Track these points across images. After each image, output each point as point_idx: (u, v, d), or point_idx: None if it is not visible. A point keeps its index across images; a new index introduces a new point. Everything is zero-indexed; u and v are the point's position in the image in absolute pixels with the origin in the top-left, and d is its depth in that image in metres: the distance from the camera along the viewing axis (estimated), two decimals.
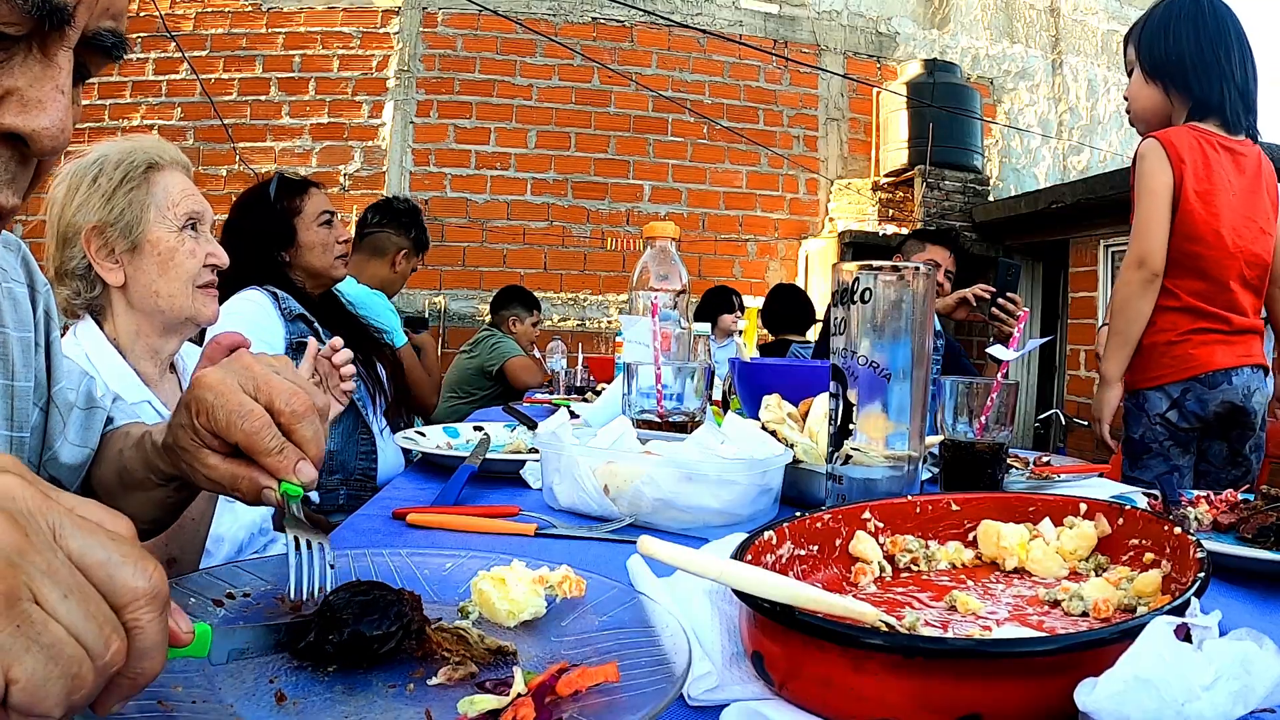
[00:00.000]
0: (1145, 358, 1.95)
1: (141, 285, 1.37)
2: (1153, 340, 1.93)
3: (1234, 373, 1.89)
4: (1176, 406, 1.92)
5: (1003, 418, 1.05)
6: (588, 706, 0.47)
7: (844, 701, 0.47)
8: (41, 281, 0.87)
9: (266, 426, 0.61)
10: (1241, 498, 1.03)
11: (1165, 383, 1.93)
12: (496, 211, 6.49)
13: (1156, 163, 1.88)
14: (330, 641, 0.51)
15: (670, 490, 0.94)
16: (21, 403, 0.81)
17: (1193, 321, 1.91)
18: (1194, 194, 1.85)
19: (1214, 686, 0.41)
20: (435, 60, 6.48)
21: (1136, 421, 1.98)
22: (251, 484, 0.62)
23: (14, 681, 0.34)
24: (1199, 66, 1.91)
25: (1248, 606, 0.77)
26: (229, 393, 0.61)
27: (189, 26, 6.33)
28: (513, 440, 1.41)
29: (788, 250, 6.89)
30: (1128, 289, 1.93)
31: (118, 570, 0.38)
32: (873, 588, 0.70)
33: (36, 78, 0.49)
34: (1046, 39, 7.61)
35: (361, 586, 0.55)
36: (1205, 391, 1.90)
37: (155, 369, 1.41)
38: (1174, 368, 1.91)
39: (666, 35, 6.71)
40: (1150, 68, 1.99)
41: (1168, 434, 1.93)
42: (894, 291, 0.89)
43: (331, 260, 2.25)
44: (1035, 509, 0.76)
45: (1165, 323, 1.92)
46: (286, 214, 2.21)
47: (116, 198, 1.34)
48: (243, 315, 2.00)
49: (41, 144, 0.50)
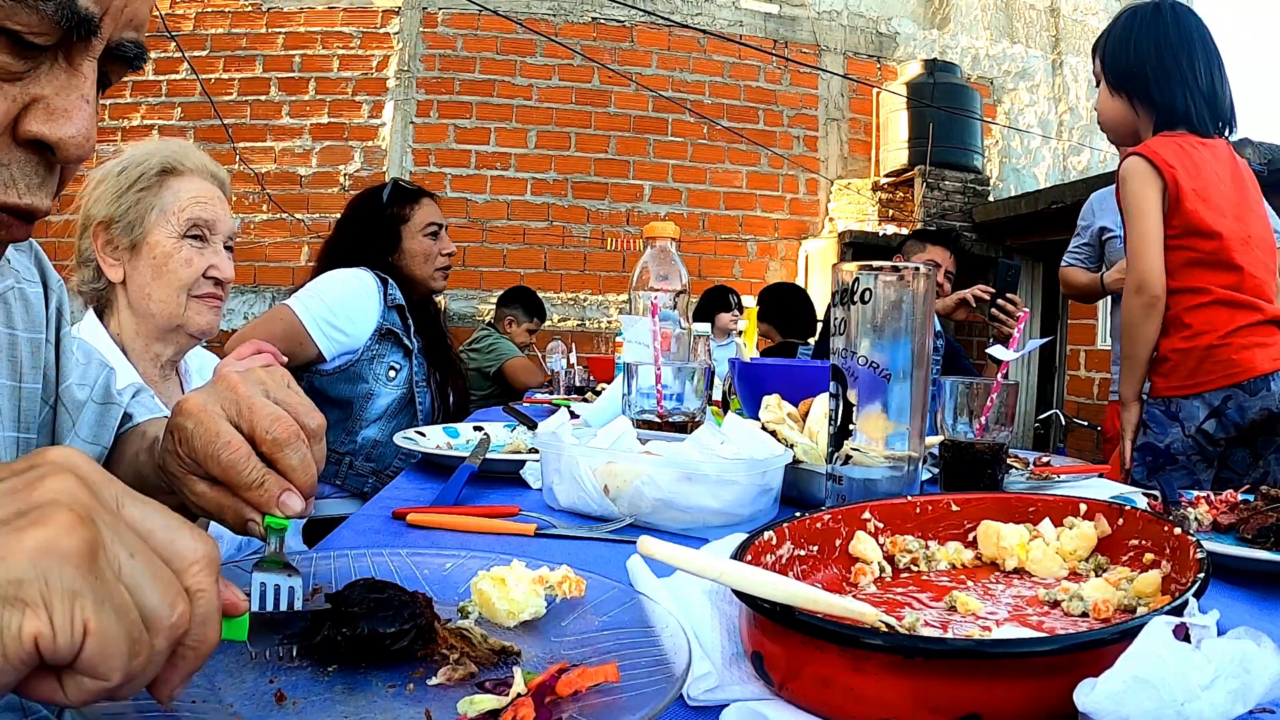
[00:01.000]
0: (1181, 363, 1.87)
1: (137, 286, 1.37)
2: (1190, 345, 1.85)
3: (1273, 377, 1.83)
4: (1216, 415, 1.84)
5: (1003, 418, 1.05)
6: (587, 706, 0.47)
7: (844, 701, 0.47)
8: (55, 279, 0.87)
9: (245, 458, 0.56)
10: (1241, 498, 1.03)
11: (1206, 390, 1.85)
12: (497, 212, 6.49)
13: (1142, 182, 1.86)
14: (343, 635, 0.51)
15: (670, 490, 0.94)
16: (29, 404, 0.81)
17: (1230, 316, 1.84)
18: (1192, 192, 1.84)
19: (1213, 686, 0.41)
20: (435, 60, 6.49)
21: (1164, 430, 1.90)
22: (236, 514, 0.58)
23: (90, 634, 0.34)
24: (1161, 77, 1.90)
25: (1247, 607, 0.77)
26: (208, 420, 0.57)
27: (189, 26, 6.33)
28: (513, 440, 1.42)
29: (788, 250, 6.89)
30: (1130, 314, 1.90)
31: (177, 534, 0.39)
32: (872, 588, 0.70)
33: (63, 87, 0.50)
34: (1046, 39, 7.61)
35: (375, 584, 0.55)
36: (1246, 399, 1.83)
37: (155, 371, 1.42)
38: (1217, 373, 1.84)
39: (666, 35, 6.71)
40: (1114, 79, 1.98)
41: (1197, 448, 1.86)
42: (894, 292, 0.90)
43: (432, 271, 2.35)
44: (1035, 509, 0.76)
45: (1201, 323, 1.85)
46: (395, 220, 2.30)
47: (126, 196, 1.35)
48: (346, 282, 2.13)
49: (68, 152, 0.51)
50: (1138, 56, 1.92)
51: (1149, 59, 1.91)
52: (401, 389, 2.20)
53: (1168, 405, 1.90)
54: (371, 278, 2.16)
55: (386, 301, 2.15)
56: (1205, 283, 1.85)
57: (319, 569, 0.68)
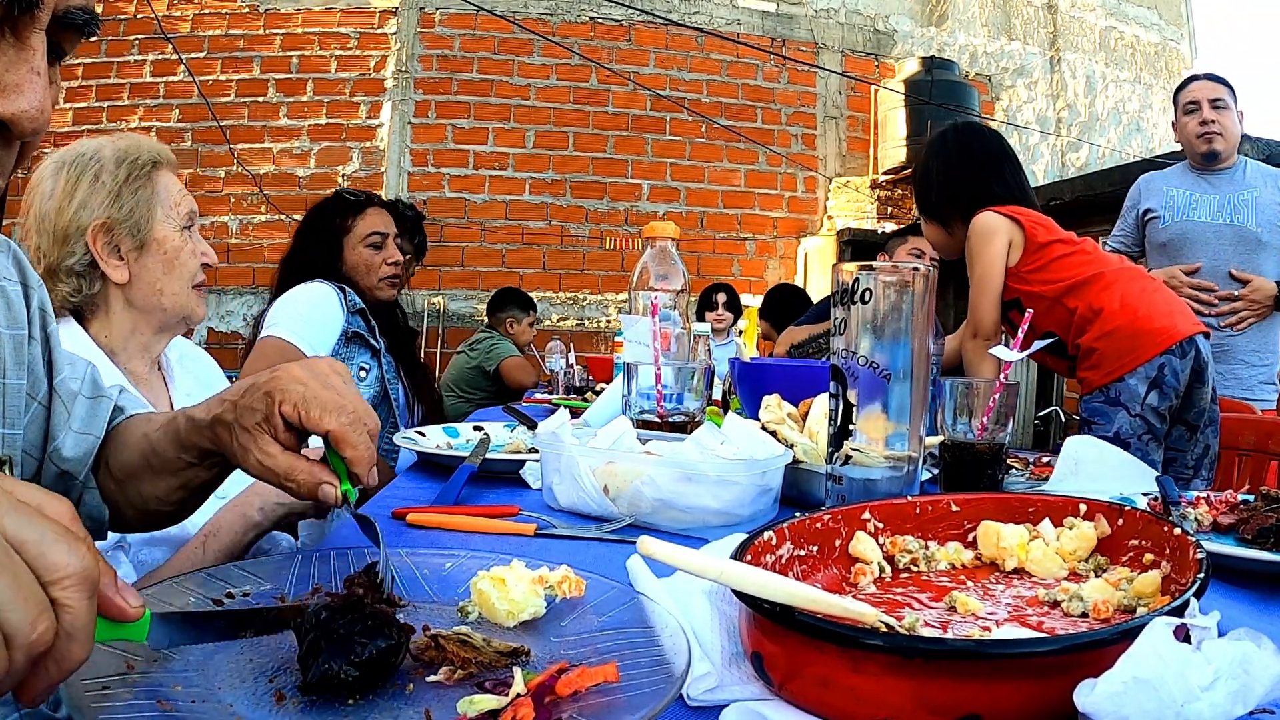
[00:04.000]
0: (1108, 349, 1.91)
1: (146, 284, 1.37)
2: (1113, 327, 1.90)
3: (1196, 338, 1.90)
4: (1156, 386, 1.88)
5: (1003, 418, 1.05)
6: (587, 706, 0.47)
7: (843, 702, 0.47)
8: (34, 278, 0.87)
9: (358, 423, 0.65)
10: (1241, 499, 1.03)
11: (1140, 363, 1.89)
12: (495, 211, 6.49)
13: (988, 236, 2.00)
14: (353, 662, 0.49)
15: (670, 490, 0.94)
16: (13, 399, 0.81)
17: (1137, 289, 1.92)
18: (1040, 225, 1.99)
19: (1213, 687, 0.41)
20: (433, 60, 6.48)
21: (1109, 419, 1.92)
22: (311, 478, 0.65)
23: None
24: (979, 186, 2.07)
25: (1247, 607, 0.77)
26: (320, 389, 0.65)
27: (186, 28, 6.32)
28: (513, 440, 1.41)
29: (786, 249, 6.88)
30: (969, 356, 2.05)
31: (50, 548, 0.38)
32: (872, 588, 0.70)
33: (11, 62, 0.50)
34: (1044, 36, 7.61)
35: (336, 604, 0.52)
36: (1178, 362, 1.88)
37: (144, 367, 1.42)
38: (1147, 343, 1.89)
39: (664, 34, 6.71)
40: (925, 212, 2.17)
41: (1145, 426, 1.90)
42: (894, 292, 0.90)
43: (375, 281, 2.33)
44: (1035, 509, 0.76)
45: (1111, 304, 1.90)
46: (338, 232, 2.31)
47: (125, 196, 1.34)
48: (308, 296, 2.13)
49: (22, 127, 0.51)
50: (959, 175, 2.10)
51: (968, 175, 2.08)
52: (374, 387, 2.23)
53: (1106, 393, 1.94)
54: (329, 287, 2.18)
55: (348, 307, 2.17)
56: (1089, 268, 1.94)
57: (319, 569, 0.68)
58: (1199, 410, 1.95)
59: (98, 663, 0.47)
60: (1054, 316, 1.97)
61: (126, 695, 0.46)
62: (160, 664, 0.51)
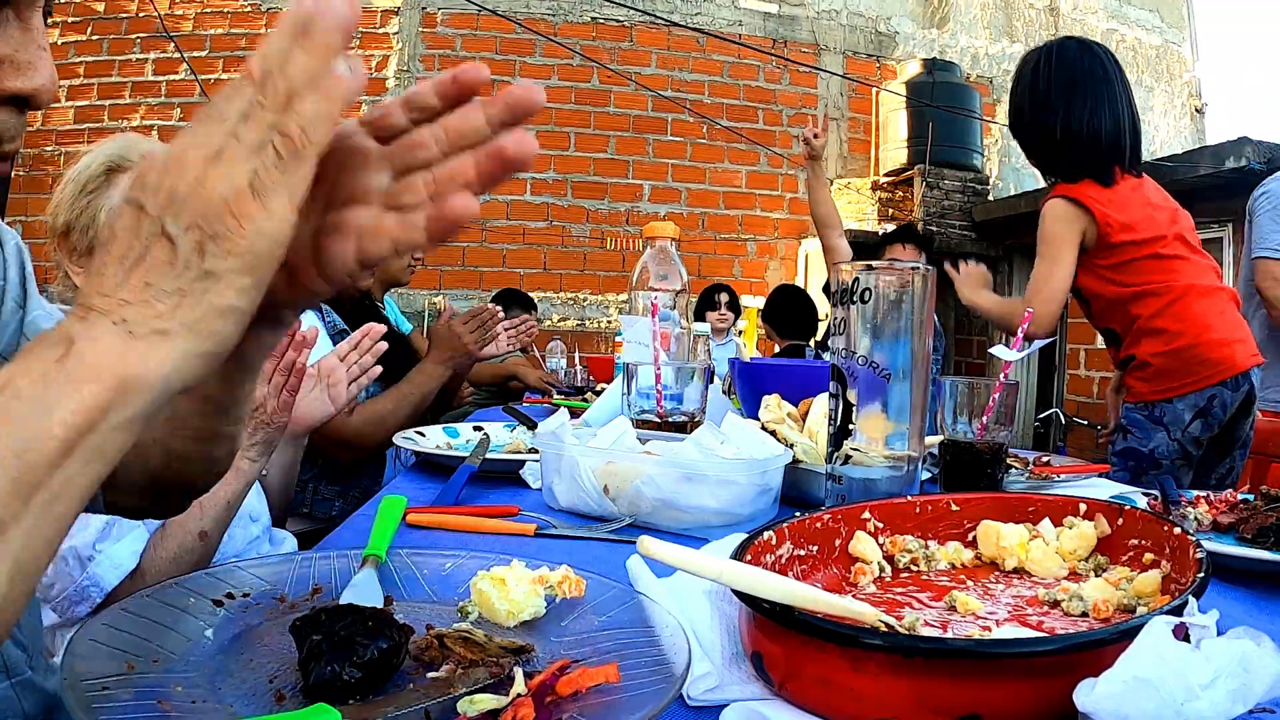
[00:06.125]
0: (1163, 367, 1.84)
1: None
2: (1170, 347, 1.83)
3: (1252, 372, 1.84)
4: (1202, 415, 1.82)
5: (1003, 418, 1.05)
6: (588, 706, 0.47)
7: (843, 701, 0.47)
8: (7, 231, 0.87)
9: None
10: (1241, 498, 1.03)
11: (1192, 390, 1.82)
12: (496, 211, 6.48)
13: (1064, 221, 1.88)
14: (354, 664, 0.49)
15: (670, 490, 0.94)
16: None
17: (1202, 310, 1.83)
18: (1119, 224, 1.85)
19: (1213, 685, 0.41)
20: (435, 60, 6.48)
21: (1148, 435, 1.87)
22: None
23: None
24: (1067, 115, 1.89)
25: (1247, 607, 0.77)
26: None
27: (188, 27, 6.32)
28: (513, 440, 1.41)
29: (787, 250, 6.88)
30: (1042, 322, 1.90)
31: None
32: (872, 588, 0.70)
33: (21, 43, 0.54)
34: (1046, 38, 7.58)
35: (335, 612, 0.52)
36: (1230, 395, 1.82)
37: None
38: (1203, 373, 1.81)
39: (666, 35, 6.71)
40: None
41: (1181, 451, 1.85)
42: (893, 292, 0.90)
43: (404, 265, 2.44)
44: (1035, 509, 0.76)
45: (1175, 324, 1.83)
46: None
47: (79, 200, 1.34)
48: None
49: (41, 99, 0.55)
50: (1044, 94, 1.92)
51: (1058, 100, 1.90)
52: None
53: (1150, 409, 1.88)
54: (311, 316, 2.15)
55: (322, 314, 2.16)
56: (1158, 277, 1.85)
57: (319, 569, 0.68)
58: (1236, 437, 1.90)
59: (98, 663, 0.47)
60: (1115, 315, 1.92)
61: (126, 695, 0.46)
62: (160, 664, 0.51)
